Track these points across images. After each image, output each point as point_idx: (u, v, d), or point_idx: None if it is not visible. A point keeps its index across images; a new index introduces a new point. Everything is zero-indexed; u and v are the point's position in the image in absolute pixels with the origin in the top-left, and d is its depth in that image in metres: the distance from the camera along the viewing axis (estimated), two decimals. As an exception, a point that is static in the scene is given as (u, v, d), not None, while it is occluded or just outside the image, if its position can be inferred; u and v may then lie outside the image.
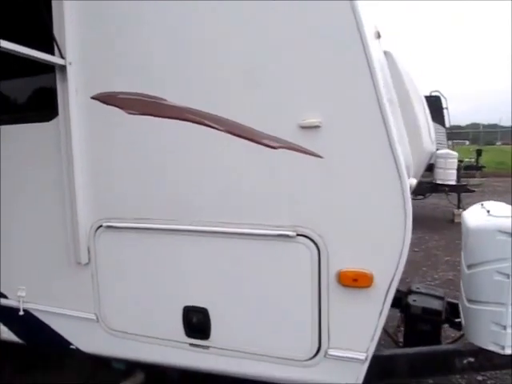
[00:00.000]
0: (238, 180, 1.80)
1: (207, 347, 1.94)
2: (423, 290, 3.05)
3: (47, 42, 1.97)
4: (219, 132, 1.79)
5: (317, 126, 1.66)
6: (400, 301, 3.04)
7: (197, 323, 1.94)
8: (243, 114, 1.76)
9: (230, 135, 1.78)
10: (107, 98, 1.97)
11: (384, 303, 1.67)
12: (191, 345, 1.97)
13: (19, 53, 1.82)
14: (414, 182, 3.64)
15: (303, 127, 1.68)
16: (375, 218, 1.64)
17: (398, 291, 3.24)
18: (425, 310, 2.82)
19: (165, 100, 1.87)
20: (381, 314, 1.67)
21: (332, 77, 1.64)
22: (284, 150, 1.71)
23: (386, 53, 8.53)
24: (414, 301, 2.91)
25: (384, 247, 1.64)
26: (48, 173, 2.12)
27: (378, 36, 4.09)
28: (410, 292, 3.04)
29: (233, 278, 1.86)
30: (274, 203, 1.76)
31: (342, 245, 1.70)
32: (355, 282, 1.68)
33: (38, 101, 2.19)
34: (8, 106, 2.32)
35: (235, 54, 1.76)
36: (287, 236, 1.74)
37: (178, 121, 1.85)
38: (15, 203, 2.26)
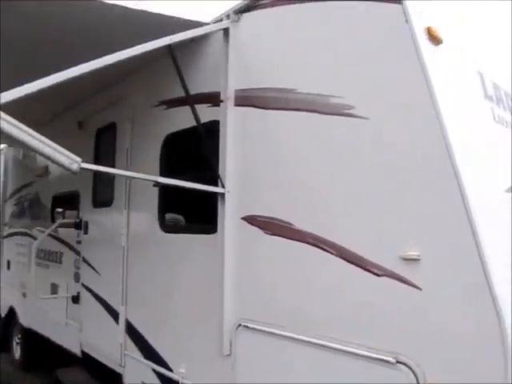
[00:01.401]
0: (346, 301, 2.01)
1: None
2: None
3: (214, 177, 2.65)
4: (333, 256, 2.06)
5: (416, 259, 1.78)
6: None
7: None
8: (354, 242, 2.00)
9: (341, 260, 2.03)
10: (251, 220, 2.47)
11: None
12: None
13: (199, 190, 2.55)
14: None
15: (404, 259, 1.82)
16: (471, 351, 1.62)
17: None
18: None
19: (292, 225, 2.25)
20: None
21: (430, 214, 1.78)
22: (386, 278, 1.87)
23: None
24: None
25: None
26: (212, 276, 2.65)
27: None
28: None
29: (339, 393, 2.00)
30: (376, 327, 1.89)
31: (440, 377, 1.69)
32: (452, 421, 1.64)
33: (205, 218, 2.84)
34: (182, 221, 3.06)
35: (349, 192, 2.06)
36: (387, 362, 1.82)
37: (301, 243, 2.20)
38: (183, 296, 2.89)
